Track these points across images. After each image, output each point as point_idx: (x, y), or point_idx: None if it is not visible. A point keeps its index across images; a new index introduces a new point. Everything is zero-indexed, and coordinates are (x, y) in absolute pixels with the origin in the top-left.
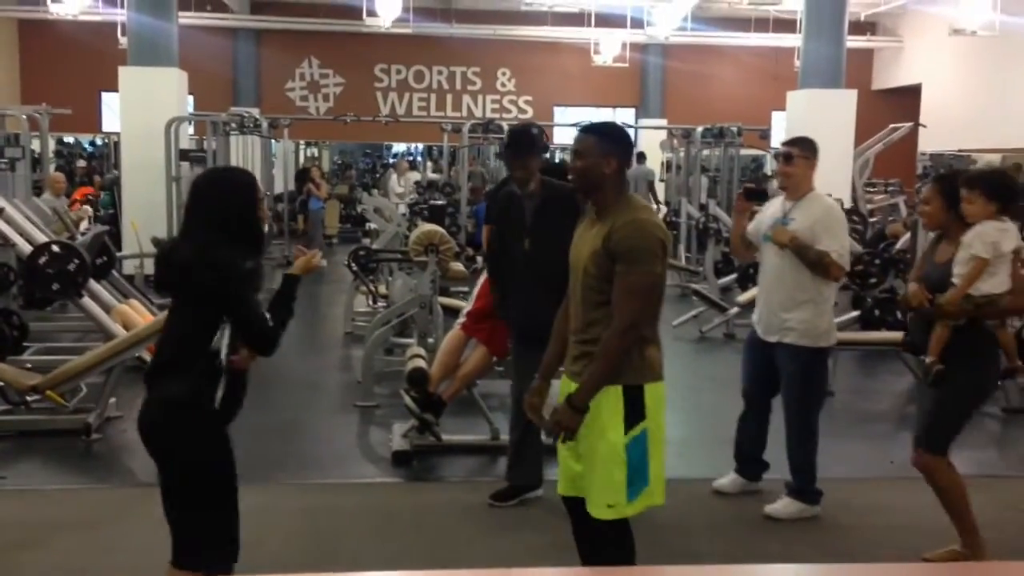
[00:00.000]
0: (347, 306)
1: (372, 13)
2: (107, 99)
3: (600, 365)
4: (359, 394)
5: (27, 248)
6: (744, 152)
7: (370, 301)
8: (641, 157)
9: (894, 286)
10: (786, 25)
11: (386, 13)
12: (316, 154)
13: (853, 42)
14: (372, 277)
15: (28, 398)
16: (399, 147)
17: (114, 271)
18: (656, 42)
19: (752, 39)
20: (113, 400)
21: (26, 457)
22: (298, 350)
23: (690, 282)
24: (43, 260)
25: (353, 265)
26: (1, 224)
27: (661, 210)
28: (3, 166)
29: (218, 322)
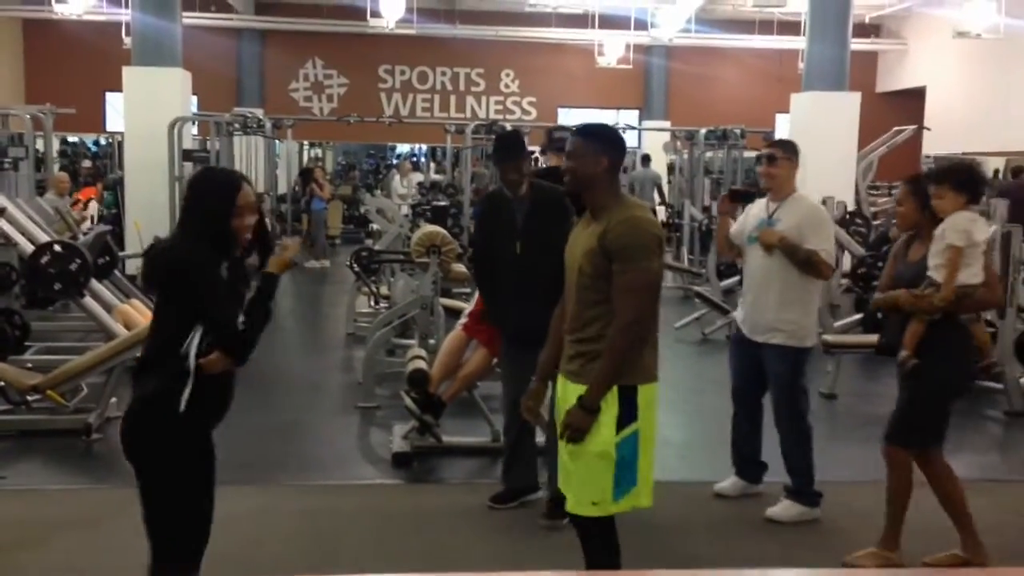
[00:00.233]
0: (349, 307)
1: (376, 14)
2: (111, 99)
3: (606, 364)
4: (360, 395)
5: (29, 248)
6: (747, 154)
7: (372, 302)
8: (646, 159)
9: None
10: (790, 27)
11: (390, 14)
12: (320, 155)
13: (857, 44)
14: (374, 278)
15: (29, 398)
16: (403, 148)
17: (116, 271)
18: (660, 44)
19: (756, 41)
20: (114, 400)
21: (27, 457)
22: (300, 351)
23: (692, 284)
24: (45, 260)
25: (355, 266)
26: (3, 224)
27: (662, 212)
28: (7, 166)
29: (190, 323)
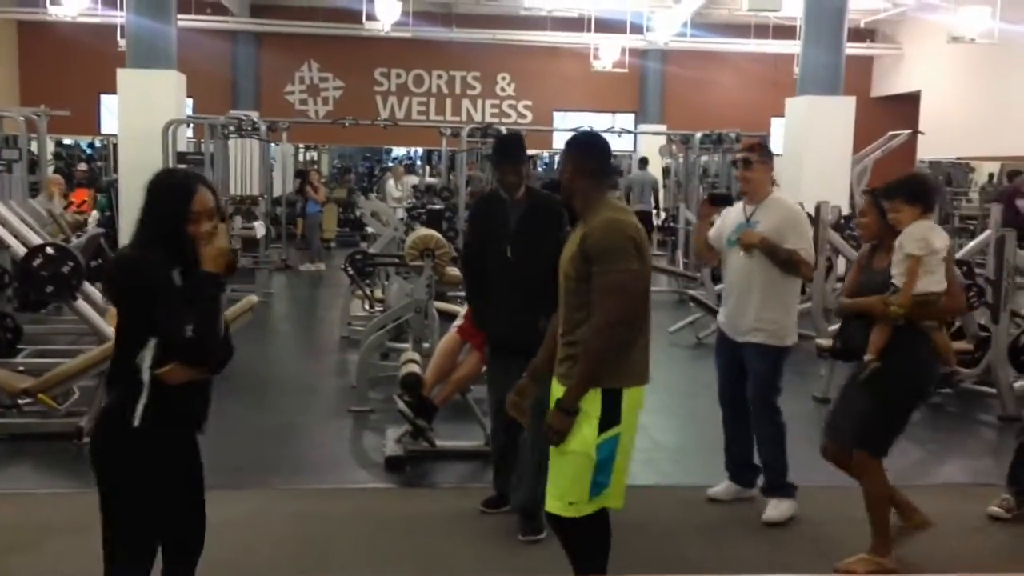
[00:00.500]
0: (343, 310)
1: (372, 17)
2: (106, 101)
3: (583, 366)
4: (354, 399)
5: (21, 250)
6: None
7: (366, 305)
8: (644, 162)
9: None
10: (785, 32)
11: (386, 17)
12: (315, 158)
13: (852, 49)
14: (368, 281)
15: (20, 401)
16: (398, 151)
17: None
18: (656, 48)
19: (751, 45)
20: None
21: (17, 460)
22: (294, 354)
23: (687, 288)
24: (37, 262)
25: (350, 269)
26: None
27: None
28: (0, 168)
29: (144, 332)
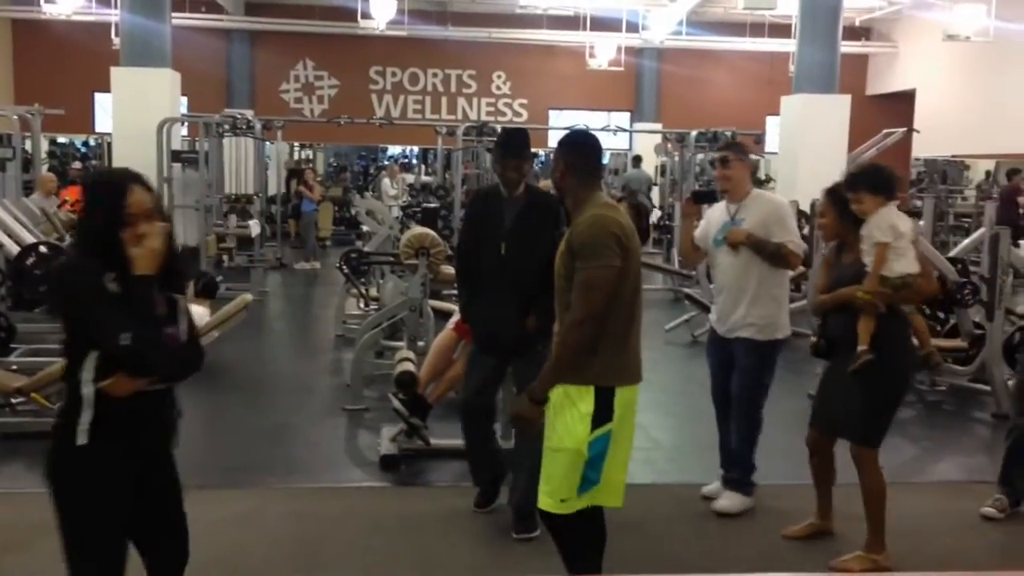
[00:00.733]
0: (338, 309)
1: (367, 15)
2: (100, 99)
3: (555, 358)
4: (348, 397)
5: (15, 249)
6: None
7: (361, 304)
8: (637, 161)
9: None
10: (781, 30)
11: (381, 15)
12: (311, 156)
13: (847, 47)
14: (364, 280)
15: (13, 400)
16: (394, 150)
17: None
18: (651, 46)
19: (747, 44)
20: None
21: (11, 460)
22: (288, 353)
23: (682, 286)
24: (31, 261)
25: (345, 267)
26: None
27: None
28: None
29: (84, 344)
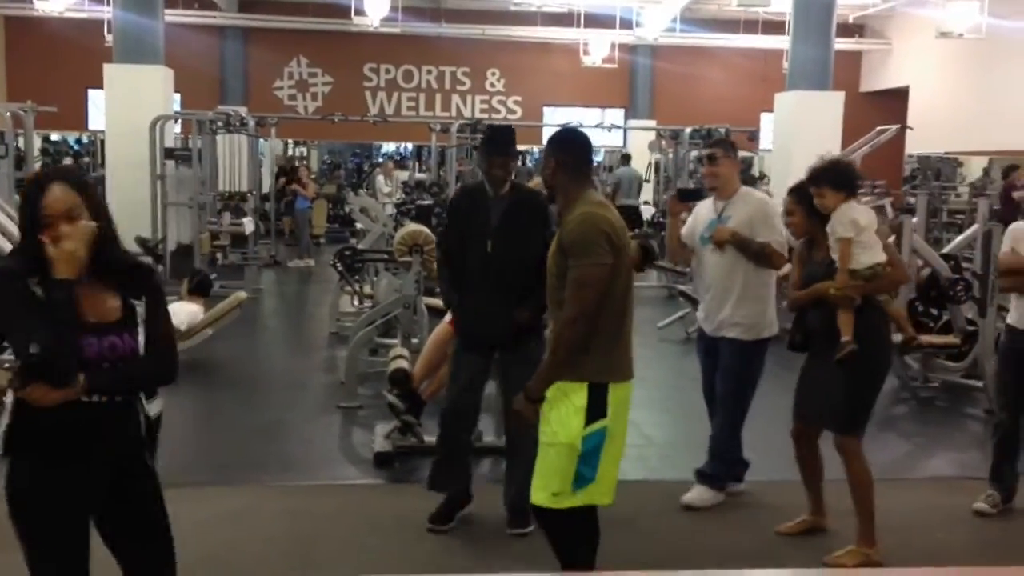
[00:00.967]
0: (332, 306)
1: (360, 12)
2: (93, 96)
3: (550, 356)
4: (342, 395)
5: (8, 246)
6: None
7: (355, 301)
8: (626, 159)
9: None
10: (775, 27)
11: (374, 12)
12: (305, 153)
13: (841, 44)
14: (358, 277)
15: (3, 398)
16: (388, 147)
17: None
18: (645, 43)
19: (741, 41)
20: None
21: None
22: (283, 350)
23: (676, 283)
24: None
25: (339, 265)
26: None
27: (649, 210)
28: None
29: (6, 348)
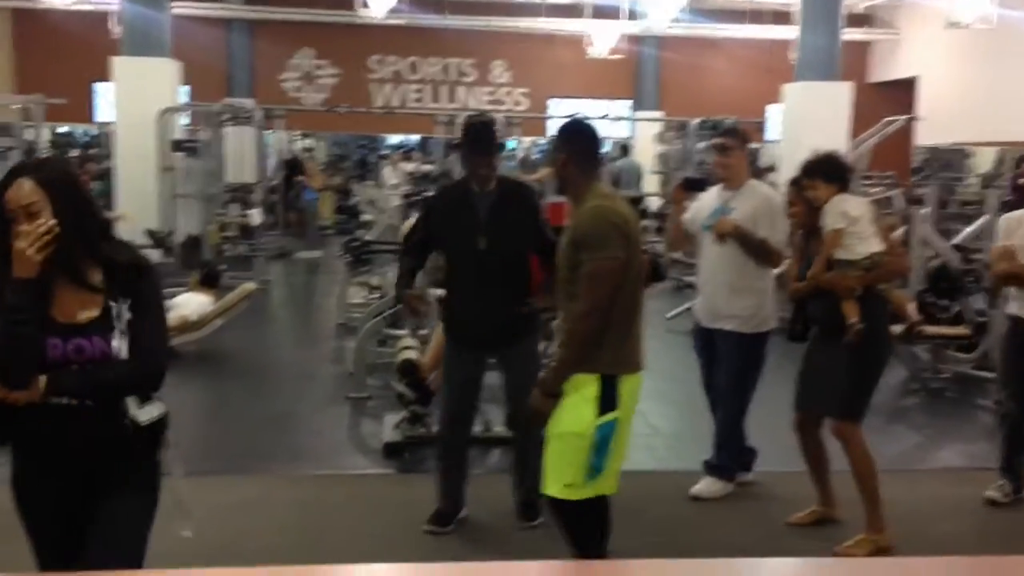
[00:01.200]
0: (340, 297)
1: (366, 4)
2: (101, 89)
3: (565, 350)
4: (351, 385)
5: None
6: None
7: (364, 292)
8: (625, 150)
9: None
10: (782, 17)
11: (380, 4)
12: (312, 145)
13: (849, 34)
14: (366, 268)
15: None
16: (394, 139)
17: None
18: (652, 34)
19: (748, 31)
20: None
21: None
22: (291, 341)
23: (685, 275)
24: None
25: (347, 256)
26: None
27: (656, 201)
28: None
29: None
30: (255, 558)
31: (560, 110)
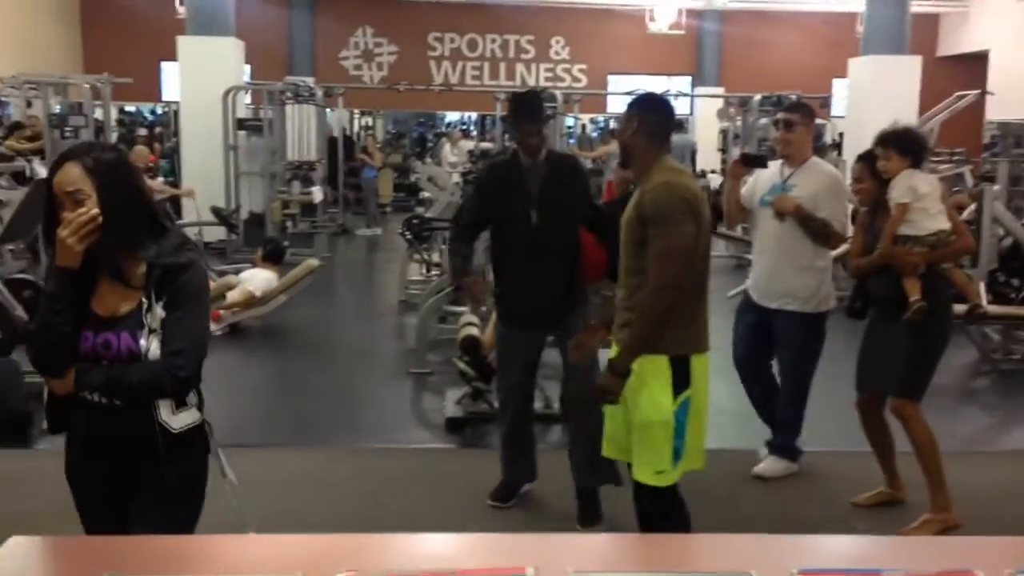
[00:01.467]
0: (401, 274)
1: None
2: (166, 68)
3: (637, 327)
4: (412, 361)
5: None
6: None
7: (423, 269)
8: (679, 125)
9: None
10: None
11: None
12: (370, 123)
13: (918, 6)
14: (426, 245)
15: None
16: (452, 116)
17: None
18: (713, 8)
19: (813, 4)
20: None
21: None
22: (353, 317)
23: (746, 253)
24: None
25: (407, 233)
26: None
27: (716, 179)
28: (68, 134)
29: None
30: (319, 526)
31: (619, 86)
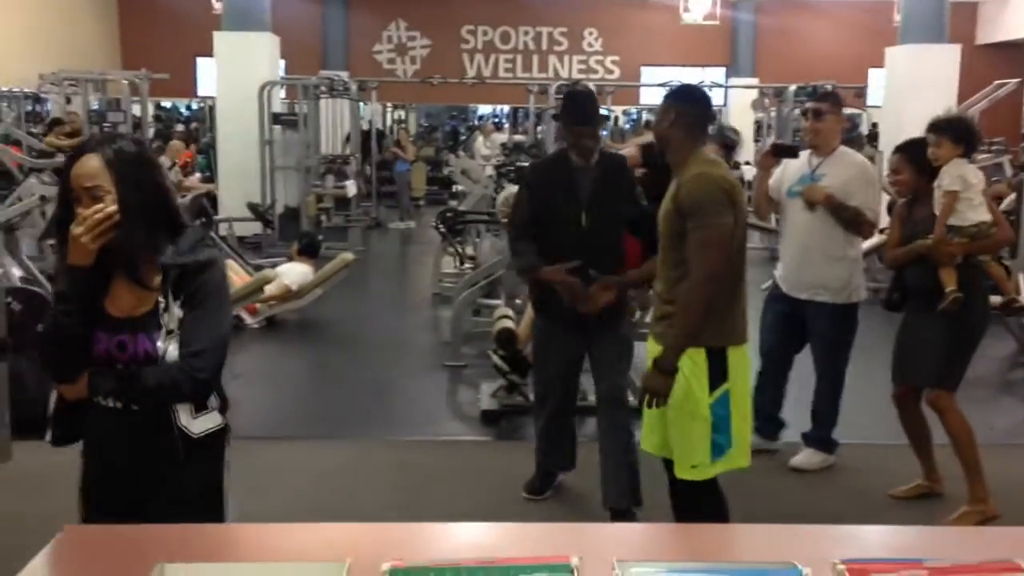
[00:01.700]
0: (435, 267)
1: None
2: (202, 64)
3: (681, 321)
4: (447, 354)
5: None
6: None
7: (457, 262)
8: (714, 118)
9: None
10: None
11: None
12: (403, 117)
13: None
14: (459, 238)
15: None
16: (484, 109)
17: (211, 233)
18: None
19: None
20: None
21: None
22: (387, 310)
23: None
24: None
25: (440, 227)
26: None
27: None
28: (106, 129)
29: None
30: (355, 516)
31: (652, 78)
